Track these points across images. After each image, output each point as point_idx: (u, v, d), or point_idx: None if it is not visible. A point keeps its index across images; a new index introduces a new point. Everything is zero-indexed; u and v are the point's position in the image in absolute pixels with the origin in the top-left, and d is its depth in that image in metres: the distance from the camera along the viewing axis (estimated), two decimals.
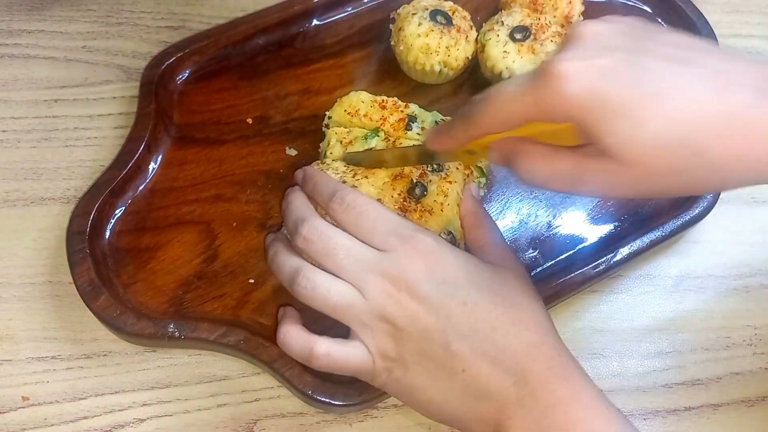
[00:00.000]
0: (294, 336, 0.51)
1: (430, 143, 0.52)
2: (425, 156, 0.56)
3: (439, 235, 0.56)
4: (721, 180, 0.41)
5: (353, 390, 0.54)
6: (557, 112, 0.40)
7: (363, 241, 0.49)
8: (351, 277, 0.48)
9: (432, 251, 0.48)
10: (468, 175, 0.60)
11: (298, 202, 0.54)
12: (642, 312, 0.62)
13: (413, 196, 0.57)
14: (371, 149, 0.59)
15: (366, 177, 0.58)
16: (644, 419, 0.57)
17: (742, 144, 0.38)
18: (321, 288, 0.48)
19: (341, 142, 0.61)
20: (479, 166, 0.61)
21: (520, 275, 0.51)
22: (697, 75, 0.39)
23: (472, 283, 0.48)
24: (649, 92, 0.38)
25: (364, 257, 0.48)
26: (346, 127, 0.62)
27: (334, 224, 0.51)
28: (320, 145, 0.64)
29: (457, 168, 0.59)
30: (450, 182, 0.58)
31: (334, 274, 0.49)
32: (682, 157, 0.39)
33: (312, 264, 0.50)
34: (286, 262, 0.51)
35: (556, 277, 0.60)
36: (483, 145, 0.48)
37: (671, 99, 0.38)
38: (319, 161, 0.61)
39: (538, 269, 0.61)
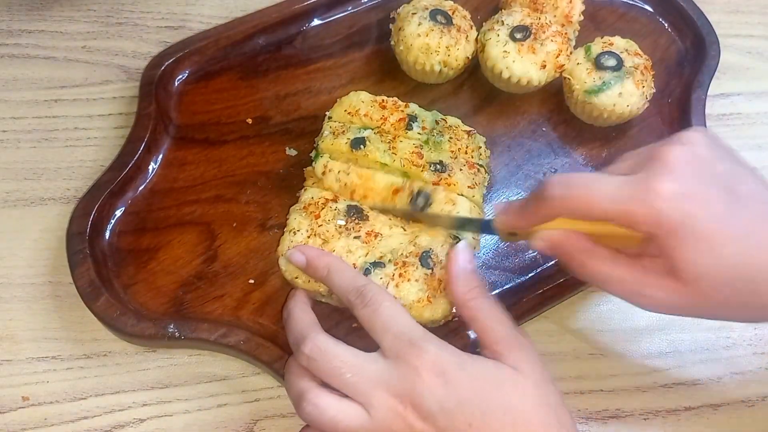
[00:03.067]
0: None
1: (496, 216, 0.52)
2: (462, 225, 0.56)
3: (446, 240, 0.56)
4: (762, 313, 0.46)
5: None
6: (645, 224, 0.43)
7: (375, 339, 0.48)
8: (357, 395, 0.46)
9: (440, 365, 0.46)
10: (475, 175, 0.60)
11: (297, 315, 0.53)
12: (642, 312, 0.61)
13: (416, 207, 0.57)
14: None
15: (365, 197, 0.58)
16: (644, 419, 0.57)
17: None
18: (326, 414, 0.46)
19: (333, 133, 0.61)
20: (481, 164, 0.61)
21: (533, 379, 0.47)
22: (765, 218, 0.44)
23: (480, 401, 0.45)
24: (733, 234, 0.43)
25: (370, 372, 0.47)
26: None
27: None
28: (315, 140, 0.63)
29: (461, 170, 0.59)
30: (454, 184, 0.58)
31: (340, 391, 0.47)
32: (743, 297, 0.44)
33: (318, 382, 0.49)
34: (294, 383, 0.49)
35: (556, 277, 0.60)
36: (534, 231, 0.49)
37: (751, 244, 0.43)
38: (316, 151, 0.61)
39: (538, 269, 0.61)
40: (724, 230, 0.43)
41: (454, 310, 0.55)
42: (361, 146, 0.59)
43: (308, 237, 0.56)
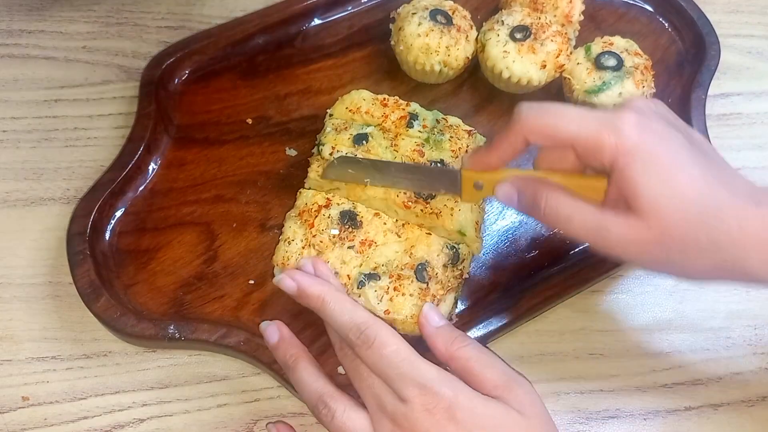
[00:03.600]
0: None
1: (466, 159, 0.54)
2: (428, 179, 0.56)
3: (442, 251, 0.56)
4: (719, 266, 0.46)
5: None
6: (609, 148, 0.45)
7: (383, 380, 0.47)
8: (369, 408, 0.47)
9: (452, 410, 0.45)
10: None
11: (349, 302, 0.50)
12: (642, 312, 0.62)
13: (420, 195, 0.57)
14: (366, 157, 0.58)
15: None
16: (644, 419, 0.57)
17: (739, 235, 0.44)
18: (339, 420, 0.47)
19: (336, 129, 0.61)
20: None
21: (538, 421, 0.47)
22: (720, 171, 0.47)
23: None
24: (689, 168, 0.45)
25: (383, 397, 0.46)
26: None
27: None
28: (317, 136, 0.63)
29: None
30: None
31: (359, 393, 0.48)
32: (696, 230, 0.45)
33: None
34: (310, 383, 0.49)
35: (556, 277, 0.60)
36: (495, 179, 0.51)
37: (703, 181, 0.45)
38: (318, 146, 0.61)
39: (539, 270, 0.61)
40: (680, 163, 0.45)
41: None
42: (364, 142, 0.59)
43: (303, 247, 0.56)
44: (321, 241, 0.56)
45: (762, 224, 0.44)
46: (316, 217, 0.57)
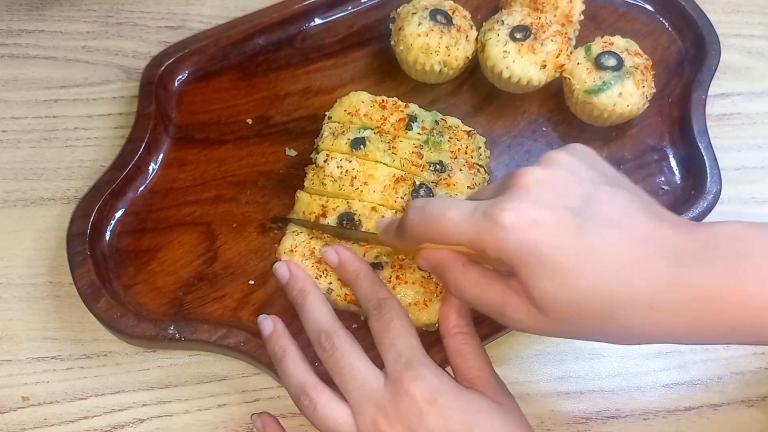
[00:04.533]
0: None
1: (379, 234, 0.54)
2: (363, 239, 0.57)
3: None
4: (632, 340, 0.45)
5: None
6: (493, 252, 0.42)
7: (380, 353, 0.49)
8: (351, 400, 0.48)
9: (433, 393, 0.46)
10: (475, 175, 0.60)
11: (318, 306, 0.53)
12: None
13: (418, 196, 0.57)
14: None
15: (366, 183, 0.58)
16: (644, 419, 0.57)
17: (651, 317, 0.41)
18: (320, 411, 0.48)
19: (333, 133, 0.61)
20: (480, 165, 0.61)
21: (516, 413, 0.49)
22: (627, 244, 0.41)
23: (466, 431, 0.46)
24: (581, 261, 0.41)
25: (368, 383, 0.48)
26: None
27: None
28: (314, 141, 0.63)
29: (461, 170, 0.59)
30: (454, 185, 0.59)
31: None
32: (599, 323, 0.42)
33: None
34: (295, 374, 0.50)
35: None
36: (415, 249, 0.49)
37: (600, 270, 0.41)
38: (316, 151, 0.61)
39: None
40: (570, 259, 0.41)
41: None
42: (361, 146, 0.59)
43: (310, 239, 0.57)
44: (327, 235, 0.57)
45: (676, 300, 0.40)
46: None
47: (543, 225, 0.41)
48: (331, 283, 0.56)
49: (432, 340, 0.56)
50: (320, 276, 0.56)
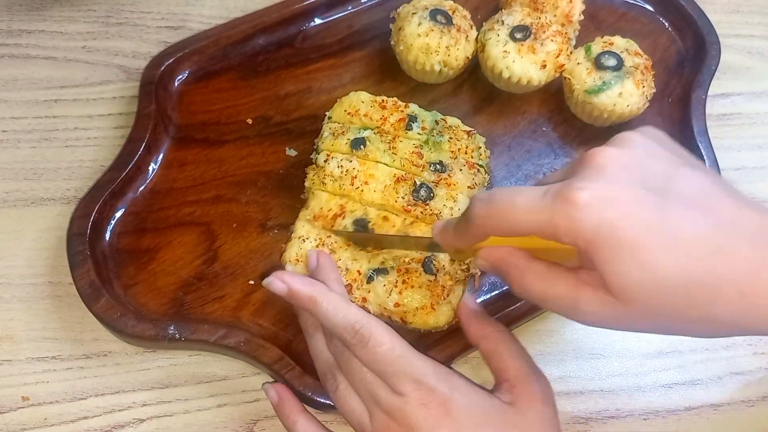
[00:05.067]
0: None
1: (435, 235, 0.50)
2: (427, 246, 0.55)
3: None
4: (718, 330, 0.41)
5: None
6: (567, 236, 0.39)
7: (380, 376, 0.47)
8: (363, 399, 0.48)
9: (447, 405, 0.45)
10: (475, 175, 0.60)
11: (342, 301, 0.50)
12: None
13: (419, 198, 0.57)
14: (371, 232, 0.57)
15: (366, 183, 0.58)
16: (644, 419, 0.57)
17: (740, 303, 0.38)
18: (341, 393, 0.48)
19: (333, 134, 0.61)
20: (481, 165, 0.61)
21: (539, 419, 0.47)
22: (711, 226, 0.39)
23: None
24: (664, 239, 0.38)
25: (377, 391, 0.47)
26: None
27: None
28: (314, 141, 0.63)
29: (461, 170, 0.59)
30: (454, 185, 0.59)
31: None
32: (684, 309, 0.39)
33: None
34: (323, 354, 0.51)
35: None
36: (476, 247, 0.46)
37: (684, 250, 0.38)
38: (316, 151, 0.61)
39: None
40: (651, 238, 0.38)
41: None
42: (361, 146, 0.59)
43: (317, 246, 0.57)
44: (335, 242, 0.57)
45: None
46: (332, 226, 0.57)
47: (622, 203, 0.38)
48: None
49: (433, 339, 0.56)
50: None
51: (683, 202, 0.39)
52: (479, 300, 0.60)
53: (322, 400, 0.54)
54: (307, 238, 0.57)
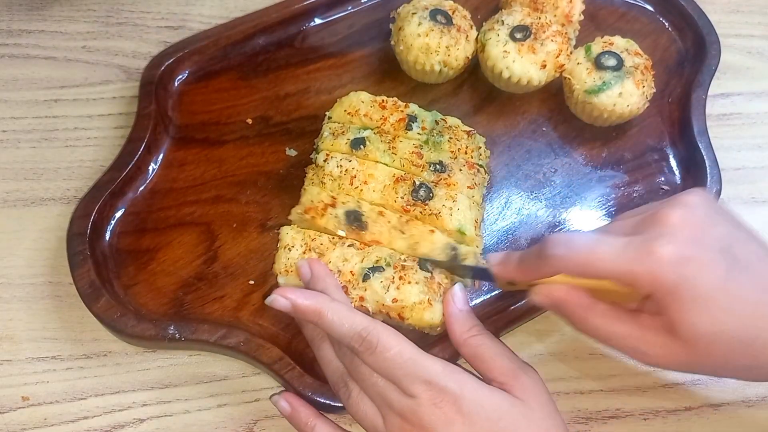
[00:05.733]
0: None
1: (494, 266, 0.53)
2: (471, 273, 0.56)
3: (443, 251, 0.56)
4: (757, 375, 0.48)
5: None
6: (646, 285, 0.45)
7: (391, 381, 0.48)
8: (376, 404, 0.49)
9: (459, 404, 0.46)
10: (475, 175, 0.60)
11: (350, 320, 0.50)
12: None
13: (418, 198, 0.57)
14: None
15: (365, 182, 0.58)
16: (644, 419, 0.57)
17: None
18: (354, 399, 0.49)
19: (333, 134, 0.61)
20: (480, 165, 0.61)
21: (542, 412, 0.48)
22: (764, 285, 0.45)
23: None
24: (730, 300, 0.44)
25: (389, 395, 0.48)
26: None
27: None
28: (314, 141, 0.63)
29: (461, 170, 0.59)
30: (454, 185, 0.59)
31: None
32: (741, 357, 0.46)
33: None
34: (334, 360, 0.51)
35: None
36: (535, 283, 0.50)
37: (744, 310, 0.45)
38: (316, 151, 0.61)
39: None
40: (722, 294, 0.44)
41: None
42: (361, 146, 0.59)
43: (303, 252, 0.56)
44: (321, 244, 0.56)
45: None
46: (323, 216, 0.57)
47: (698, 262, 0.44)
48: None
49: (433, 339, 0.56)
50: None
51: (744, 265, 0.45)
52: (480, 300, 0.60)
53: (323, 401, 0.54)
54: (293, 246, 0.56)
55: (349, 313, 0.49)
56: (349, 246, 0.56)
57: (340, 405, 0.52)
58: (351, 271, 0.55)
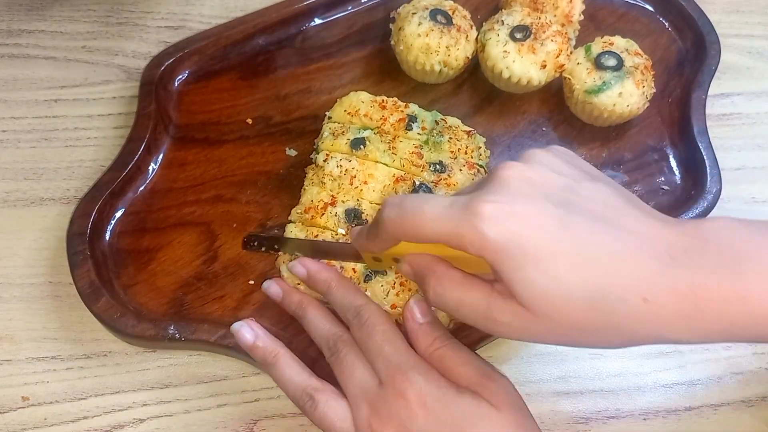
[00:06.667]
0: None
1: (352, 240, 0.52)
2: (338, 253, 0.56)
3: None
4: (626, 339, 0.42)
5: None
6: (473, 247, 0.41)
7: (368, 360, 0.49)
8: (349, 397, 0.49)
9: (424, 397, 0.46)
10: (475, 176, 0.60)
11: (318, 320, 0.54)
12: None
13: None
14: (299, 238, 0.57)
15: (365, 182, 0.58)
16: (644, 419, 0.57)
17: (644, 310, 0.39)
18: (321, 409, 0.49)
19: (333, 134, 0.61)
20: (480, 165, 0.61)
21: (512, 417, 0.46)
22: (614, 236, 0.40)
23: None
24: (567, 249, 0.39)
25: (365, 383, 0.48)
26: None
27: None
28: (314, 141, 0.64)
29: (461, 170, 0.59)
30: (454, 185, 0.58)
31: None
32: (590, 317, 0.40)
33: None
34: (292, 379, 0.51)
35: None
36: (391, 254, 0.48)
37: (587, 260, 0.39)
38: (316, 151, 0.61)
39: None
40: (553, 249, 0.39)
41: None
42: (361, 146, 0.59)
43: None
44: (325, 240, 0.56)
45: (671, 292, 0.39)
46: (323, 215, 0.57)
47: (524, 216, 0.40)
48: None
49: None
50: None
51: (585, 214, 0.41)
52: None
53: None
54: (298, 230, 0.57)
55: (355, 289, 0.54)
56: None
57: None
58: (354, 269, 0.55)
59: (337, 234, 0.57)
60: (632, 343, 0.42)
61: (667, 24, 0.75)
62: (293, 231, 0.57)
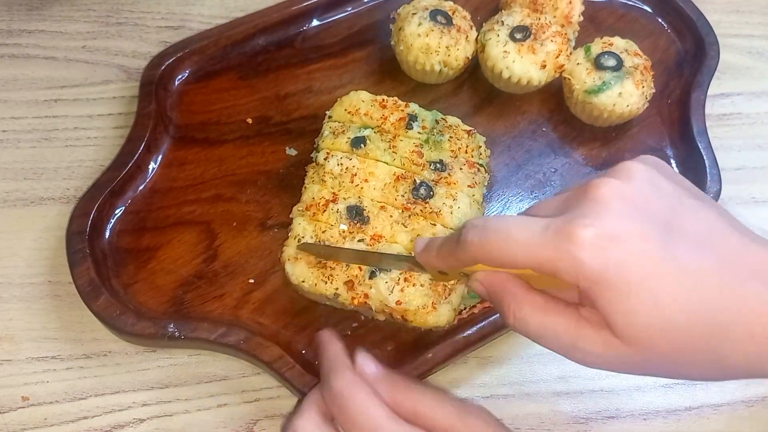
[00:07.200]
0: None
1: (417, 255, 0.48)
2: (393, 262, 0.54)
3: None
4: (728, 372, 0.39)
5: None
6: (569, 276, 0.37)
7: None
8: None
9: None
10: (475, 174, 0.60)
11: (333, 348, 0.49)
12: None
13: (419, 196, 0.57)
14: (329, 245, 0.56)
15: (366, 180, 0.58)
16: (644, 419, 0.57)
17: (751, 344, 0.37)
18: None
19: (333, 132, 0.61)
20: (481, 164, 0.61)
21: None
22: (720, 264, 0.38)
23: None
24: (672, 277, 0.37)
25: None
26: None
27: None
28: (315, 141, 0.64)
29: (461, 169, 0.59)
30: (454, 184, 0.59)
31: None
32: (691, 348, 0.37)
33: None
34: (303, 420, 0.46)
35: None
36: (461, 270, 0.45)
37: (693, 289, 0.37)
38: (317, 150, 0.61)
39: None
40: (659, 276, 0.36)
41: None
42: (362, 145, 0.59)
43: (316, 241, 0.56)
44: (331, 236, 0.56)
45: None
46: (324, 211, 0.57)
47: (627, 242, 0.37)
48: (337, 288, 0.55)
49: (432, 339, 0.56)
50: (326, 281, 0.55)
51: (689, 238, 0.38)
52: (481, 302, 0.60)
53: None
54: (303, 237, 0.56)
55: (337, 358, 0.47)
56: (359, 241, 0.56)
57: None
58: (360, 267, 0.55)
59: (332, 228, 0.56)
60: (731, 377, 0.40)
61: (666, 25, 0.75)
62: (301, 224, 0.57)
